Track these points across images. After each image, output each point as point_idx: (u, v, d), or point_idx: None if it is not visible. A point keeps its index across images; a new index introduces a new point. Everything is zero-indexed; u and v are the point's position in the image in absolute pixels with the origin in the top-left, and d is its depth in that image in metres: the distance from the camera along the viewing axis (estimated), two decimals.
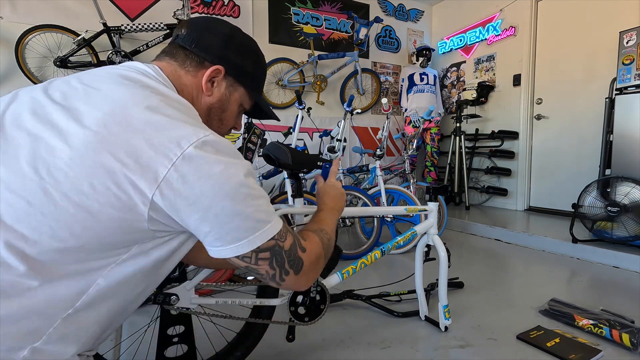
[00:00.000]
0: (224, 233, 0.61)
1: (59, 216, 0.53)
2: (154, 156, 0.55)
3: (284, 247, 0.68)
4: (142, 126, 0.57)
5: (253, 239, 0.63)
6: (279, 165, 1.14)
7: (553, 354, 1.31)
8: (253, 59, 0.82)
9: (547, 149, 3.77)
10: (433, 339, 1.45)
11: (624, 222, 2.38)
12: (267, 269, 0.67)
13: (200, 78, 0.74)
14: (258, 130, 2.32)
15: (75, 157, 0.54)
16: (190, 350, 1.09)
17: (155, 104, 0.60)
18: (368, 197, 2.62)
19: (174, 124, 0.59)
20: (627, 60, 2.61)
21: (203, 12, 3.56)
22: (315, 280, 1.18)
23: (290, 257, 0.69)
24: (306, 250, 0.73)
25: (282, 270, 0.68)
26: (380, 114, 4.63)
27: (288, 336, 1.21)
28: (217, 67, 0.74)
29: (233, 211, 0.60)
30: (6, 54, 2.81)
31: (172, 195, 0.56)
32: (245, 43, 0.80)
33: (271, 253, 0.66)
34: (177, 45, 0.75)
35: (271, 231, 0.66)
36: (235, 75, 0.78)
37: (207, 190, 0.58)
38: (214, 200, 0.58)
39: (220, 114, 0.79)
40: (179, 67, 0.73)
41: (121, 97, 0.60)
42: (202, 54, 0.74)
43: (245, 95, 0.82)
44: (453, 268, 2.27)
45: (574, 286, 2.08)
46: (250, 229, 0.63)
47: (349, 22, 4.37)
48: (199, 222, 0.59)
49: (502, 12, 4.08)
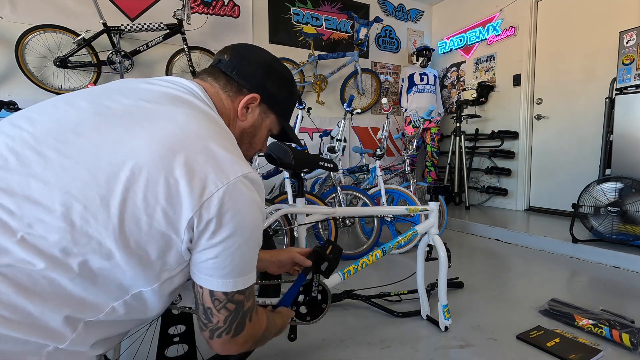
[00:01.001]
0: (224, 266, 0.64)
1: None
2: (204, 179, 0.60)
3: (244, 306, 0.70)
4: (204, 154, 0.62)
5: (242, 279, 0.67)
6: (281, 165, 1.15)
7: (553, 354, 1.31)
8: (288, 89, 0.86)
9: (547, 149, 3.78)
10: (433, 338, 1.45)
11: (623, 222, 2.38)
12: (221, 320, 0.68)
13: (237, 104, 0.78)
14: None
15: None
16: (191, 350, 1.09)
17: (214, 136, 0.65)
18: (368, 197, 2.63)
19: (229, 157, 0.64)
20: (627, 60, 2.62)
21: (203, 12, 3.56)
22: (318, 280, 1.18)
23: (242, 319, 0.70)
24: (252, 321, 0.74)
25: (228, 328, 0.69)
26: (380, 114, 4.63)
27: (290, 335, 1.21)
28: (254, 95, 0.78)
29: (244, 250, 0.66)
30: (6, 54, 2.81)
31: (207, 214, 0.60)
32: (283, 74, 0.85)
33: (236, 307, 0.68)
34: (219, 70, 0.79)
35: (251, 280, 0.70)
36: (269, 103, 0.82)
37: (237, 220, 0.62)
38: (236, 230, 0.63)
39: (251, 138, 0.83)
40: (221, 91, 0.77)
41: (184, 124, 0.64)
42: (242, 81, 0.78)
43: (275, 121, 0.87)
44: (453, 268, 2.28)
45: (574, 286, 2.08)
46: (243, 271, 0.67)
47: (349, 22, 4.38)
48: (210, 247, 0.62)
49: (502, 12, 4.08)
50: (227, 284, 0.65)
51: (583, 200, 2.59)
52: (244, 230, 0.64)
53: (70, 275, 0.54)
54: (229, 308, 0.68)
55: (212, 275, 0.65)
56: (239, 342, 0.72)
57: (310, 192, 2.38)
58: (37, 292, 0.52)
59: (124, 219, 0.56)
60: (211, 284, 0.65)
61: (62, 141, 0.57)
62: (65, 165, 0.56)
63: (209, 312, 0.68)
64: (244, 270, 0.67)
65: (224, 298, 0.67)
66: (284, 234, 2.18)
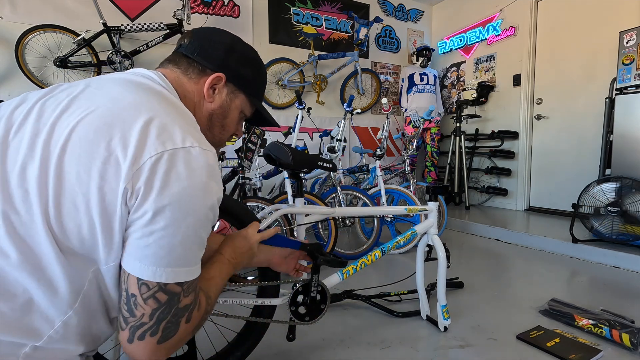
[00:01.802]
0: (156, 248, 0.56)
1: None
2: (143, 146, 0.56)
3: (180, 302, 0.61)
4: (143, 126, 0.58)
5: (180, 270, 0.59)
6: (280, 165, 1.15)
7: (553, 354, 1.31)
8: (253, 67, 0.84)
9: (547, 149, 3.77)
10: (433, 338, 1.45)
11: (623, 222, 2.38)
12: (147, 314, 0.57)
13: (202, 85, 0.76)
14: (258, 130, 2.32)
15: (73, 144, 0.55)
16: (191, 350, 1.09)
17: (159, 111, 0.62)
18: (368, 197, 2.63)
19: (173, 128, 0.60)
20: (627, 60, 2.61)
21: (203, 12, 3.56)
22: (317, 278, 1.18)
23: (174, 318, 0.60)
24: (190, 322, 0.64)
25: (155, 327, 0.58)
26: (380, 114, 4.63)
27: (288, 336, 1.21)
28: (218, 75, 0.76)
29: (180, 232, 0.57)
30: (6, 54, 2.81)
31: (143, 182, 0.55)
32: (246, 52, 0.82)
33: (169, 299, 0.59)
34: (180, 54, 0.77)
35: (193, 274, 0.62)
36: (236, 82, 0.80)
37: (177, 194, 0.56)
38: (175, 203, 0.56)
39: (222, 120, 0.81)
40: (182, 75, 0.75)
41: (127, 98, 0.62)
42: (204, 62, 0.76)
43: (246, 102, 0.84)
44: (453, 268, 2.28)
45: (574, 286, 2.08)
46: (181, 259, 0.59)
47: (349, 22, 4.38)
48: (144, 220, 0.55)
49: (502, 12, 4.08)
50: (157, 272, 0.57)
51: (583, 200, 2.59)
52: (180, 208, 0.56)
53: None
54: (158, 299, 0.58)
55: (140, 258, 0.56)
56: (167, 348, 0.61)
57: (310, 192, 2.38)
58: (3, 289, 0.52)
59: (61, 202, 0.54)
60: (139, 269, 0.56)
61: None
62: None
63: (133, 301, 0.57)
64: (181, 260, 0.58)
65: (155, 285, 0.57)
66: (284, 234, 2.18)
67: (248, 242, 0.92)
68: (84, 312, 0.58)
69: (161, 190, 0.55)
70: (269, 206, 1.30)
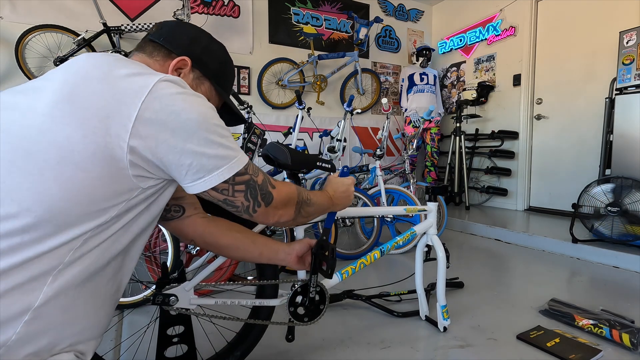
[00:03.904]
0: (205, 161, 0.64)
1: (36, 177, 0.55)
2: (124, 100, 0.59)
3: (257, 181, 0.73)
4: (113, 79, 0.61)
5: (232, 165, 0.67)
6: (278, 165, 1.14)
7: (553, 354, 1.31)
8: (219, 57, 0.85)
9: (547, 149, 3.77)
10: (433, 339, 1.45)
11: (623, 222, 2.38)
12: (243, 200, 0.71)
13: (167, 67, 0.77)
14: (258, 130, 2.32)
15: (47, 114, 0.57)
16: (190, 350, 1.09)
17: (126, 64, 0.65)
18: (368, 197, 2.62)
19: (142, 75, 0.63)
20: (627, 60, 2.61)
21: (203, 12, 3.56)
22: (315, 279, 1.18)
23: (262, 191, 0.74)
24: (276, 187, 0.77)
25: (255, 202, 0.73)
26: (380, 114, 4.63)
27: (288, 336, 1.21)
28: (183, 58, 0.77)
29: (211, 140, 0.64)
30: (6, 54, 2.81)
31: (150, 132, 0.60)
32: (212, 44, 0.85)
33: (246, 185, 0.71)
34: (147, 39, 0.79)
35: (243, 160, 0.70)
36: (202, 69, 0.81)
37: (184, 120, 0.62)
38: (193, 129, 0.62)
39: None
40: (147, 57, 0.77)
41: (92, 61, 0.64)
42: (169, 45, 0.78)
43: (212, 91, 0.84)
44: (453, 268, 2.27)
45: (574, 286, 2.08)
46: (227, 157, 0.67)
47: (349, 22, 4.37)
48: (179, 156, 0.62)
49: (502, 12, 4.08)
50: (221, 174, 0.66)
51: (583, 200, 2.59)
52: (198, 122, 0.63)
53: None
54: (238, 189, 0.70)
55: (199, 178, 0.65)
56: (279, 206, 0.77)
57: None
58: None
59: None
60: (210, 181, 0.66)
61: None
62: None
63: (228, 202, 0.70)
64: (225, 156, 0.67)
65: (230, 186, 0.68)
66: (284, 234, 2.18)
67: (346, 188, 1.06)
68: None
69: (167, 118, 0.60)
70: None
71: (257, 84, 3.80)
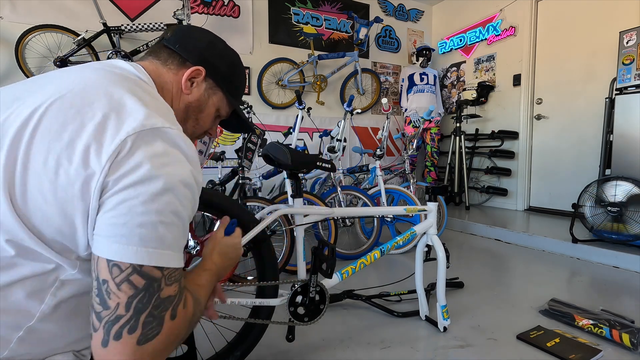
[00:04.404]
0: (120, 223, 0.50)
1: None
2: (112, 129, 0.54)
3: (162, 289, 0.53)
4: (108, 101, 0.57)
5: (146, 251, 0.51)
6: (278, 165, 1.14)
7: (553, 354, 1.31)
8: (232, 67, 0.84)
9: (547, 149, 3.77)
10: (433, 339, 1.45)
11: (624, 222, 2.38)
12: (122, 303, 0.50)
13: (180, 76, 0.75)
14: (258, 130, 2.32)
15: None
16: (190, 350, 1.09)
17: (129, 87, 0.61)
18: (368, 197, 2.62)
19: (141, 107, 0.58)
20: (627, 60, 2.61)
21: (203, 12, 3.56)
22: (315, 279, 1.18)
23: (156, 310, 0.52)
24: (176, 319, 0.55)
25: (134, 321, 0.50)
26: (380, 114, 4.63)
27: (288, 336, 1.21)
28: (198, 68, 0.76)
29: (148, 208, 0.52)
30: (6, 54, 2.81)
31: (115, 163, 0.51)
32: (228, 51, 0.83)
33: (146, 284, 0.51)
34: (161, 45, 0.77)
35: (167, 260, 0.54)
36: (215, 78, 0.79)
37: (144, 170, 0.52)
38: (143, 180, 0.52)
39: (197, 114, 0.80)
40: (161, 65, 0.75)
41: (89, 77, 0.61)
42: (184, 54, 0.76)
43: (224, 100, 0.83)
44: (453, 268, 2.28)
45: (574, 286, 2.08)
46: (149, 240, 0.52)
47: (349, 22, 4.37)
48: (110, 195, 0.51)
49: (502, 12, 4.08)
50: (129, 251, 0.50)
51: (583, 200, 2.59)
52: (152, 183, 0.52)
53: None
54: (134, 283, 0.50)
55: (111, 235, 0.50)
56: (149, 352, 0.51)
57: (310, 192, 2.38)
58: None
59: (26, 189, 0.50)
60: (107, 250, 0.50)
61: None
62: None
63: (105, 288, 0.50)
64: (152, 239, 0.52)
65: (128, 266, 0.50)
66: (284, 234, 2.18)
67: (237, 253, 0.86)
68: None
69: (135, 168, 0.52)
70: (268, 206, 1.30)
71: (257, 84, 3.81)
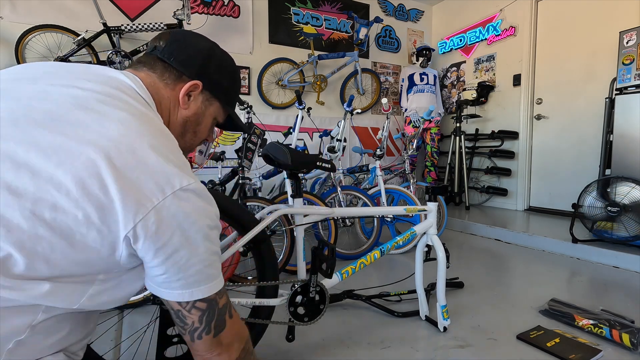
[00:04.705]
0: (175, 279, 0.61)
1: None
2: (139, 193, 0.54)
3: (219, 303, 0.67)
4: (141, 165, 0.56)
5: (201, 289, 0.63)
6: (278, 165, 1.14)
7: (553, 354, 1.31)
8: (230, 76, 0.84)
9: (547, 149, 3.77)
10: (433, 339, 1.45)
11: (624, 222, 2.38)
12: (195, 320, 0.65)
13: (178, 91, 0.74)
14: (258, 130, 2.32)
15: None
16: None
17: (154, 144, 0.59)
18: (368, 197, 2.62)
19: (166, 166, 0.58)
20: (627, 60, 2.61)
21: (203, 12, 3.56)
22: (315, 279, 1.18)
23: (219, 317, 0.68)
24: (233, 317, 0.71)
25: (207, 327, 0.66)
26: (380, 114, 4.63)
27: (288, 336, 1.21)
28: (195, 83, 0.75)
29: (196, 261, 0.61)
30: (6, 54, 2.81)
31: (144, 234, 0.55)
32: (224, 61, 0.82)
33: (208, 305, 0.65)
34: (155, 57, 0.74)
35: (217, 286, 0.66)
36: (212, 90, 0.79)
37: (177, 236, 0.58)
38: (180, 246, 0.58)
39: (195, 127, 0.80)
40: (158, 80, 0.73)
41: (121, 132, 0.57)
42: (181, 68, 0.74)
43: (220, 109, 0.83)
44: (453, 268, 2.28)
45: (574, 286, 2.08)
46: (201, 281, 0.63)
47: (349, 22, 4.38)
48: (157, 265, 0.59)
49: (502, 12, 4.08)
50: (184, 294, 0.62)
51: (583, 200, 2.59)
52: (189, 242, 0.59)
53: None
54: (199, 307, 0.65)
55: (168, 287, 0.62)
56: (224, 341, 0.69)
57: (310, 192, 2.38)
58: None
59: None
60: (171, 295, 0.62)
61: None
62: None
63: (180, 314, 0.65)
64: (203, 279, 0.63)
65: (191, 302, 0.64)
66: (284, 234, 2.18)
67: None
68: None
69: (170, 237, 0.57)
70: (268, 206, 1.30)
71: (257, 84, 3.81)
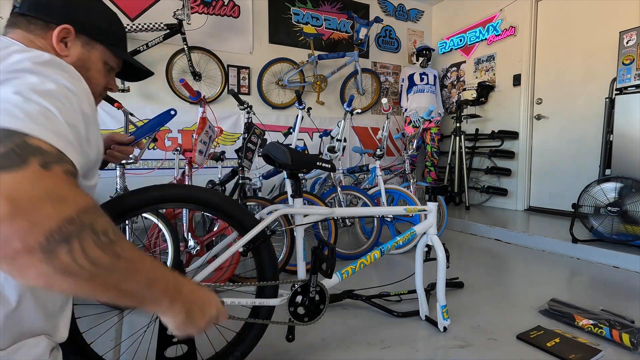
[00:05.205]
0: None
1: None
2: None
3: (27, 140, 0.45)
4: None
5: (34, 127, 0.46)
6: (278, 165, 1.14)
7: (553, 354, 1.31)
8: (103, 15, 0.79)
9: (547, 149, 3.77)
10: (433, 339, 1.45)
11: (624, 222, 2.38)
12: None
13: (50, 40, 0.70)
14: (258, 130, 2.32)
15: None
16: (190, 350, 1.09)
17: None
18: (368, 197, 2.62)
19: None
20: (627, 60, 2.61)
21: (203, 12, 3.56)
22: (315, 279, 1.18)
23: (20, 149, 0.43)
24: (51, 170, 0.44)
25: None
26: (380, 114, 4.63)
27: (288, 336, 1.21)
28: (64, 27, 0.70)
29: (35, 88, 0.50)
30: None
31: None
32: (89, 2, 0.78)
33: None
34: (16, 14, 0.70)
35: (46, 134, 0.46)
36: (88, 33, 0.75)
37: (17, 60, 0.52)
38: (20, 67, 0.52)
39: (85, 73, 0.73)
40: (26, 33, 0.69)
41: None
42: (42, 16, 0.70)
43: (107, 52, 0.79)
44: (453, 268, 2.28)
45: (574, 286, 2.08)
46: (28, 113, 0.47)
47: (349, 22, 4.38)
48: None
49: (502, 12, 4.08)
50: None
51: (583, 200, 2.59)
52: (30, 65, 0.52)
53: None
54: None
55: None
56: (11, 194, 0.39)
57: (310, 192, 2.38)
58: None
59: None
60: None
61: None
62: None
63: None
64: (29, 113, 0.47)
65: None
66: (284, 234, 2.18)
67: (211, 299, 0.70)
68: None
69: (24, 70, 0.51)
70: (268, 206, 1.30)
71: (257, 84, 3.81)
